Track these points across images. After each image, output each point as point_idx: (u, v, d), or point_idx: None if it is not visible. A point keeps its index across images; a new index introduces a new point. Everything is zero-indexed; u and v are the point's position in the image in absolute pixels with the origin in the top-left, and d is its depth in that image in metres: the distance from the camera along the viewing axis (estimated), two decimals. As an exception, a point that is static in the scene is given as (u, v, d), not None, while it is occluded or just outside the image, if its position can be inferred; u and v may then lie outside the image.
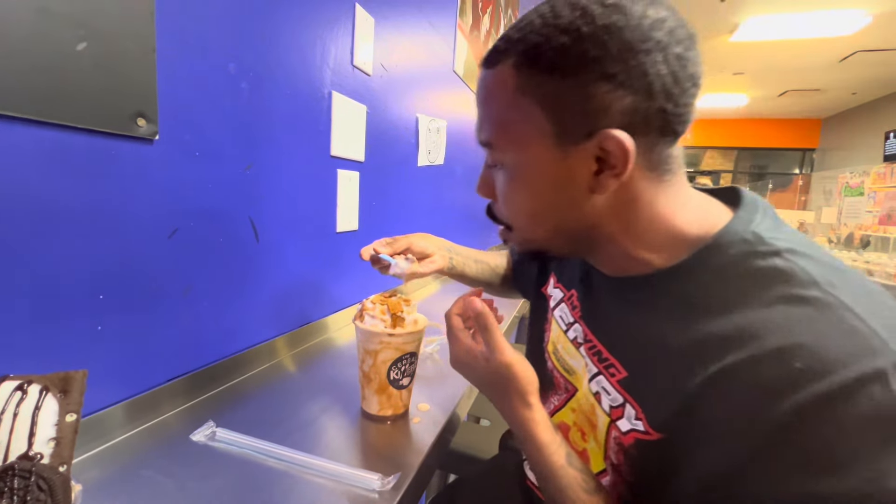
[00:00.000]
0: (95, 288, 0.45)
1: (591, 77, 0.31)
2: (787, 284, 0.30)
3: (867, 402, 0.25)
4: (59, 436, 0.26)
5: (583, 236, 0.38)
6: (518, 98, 0.34)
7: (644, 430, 0.35)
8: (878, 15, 3.93)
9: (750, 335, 0.29)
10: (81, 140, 0.42)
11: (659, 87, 0.31)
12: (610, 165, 0.33)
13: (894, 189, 4.05)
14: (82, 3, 0.40)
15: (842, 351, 0.27)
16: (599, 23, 0.31)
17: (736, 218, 0.35)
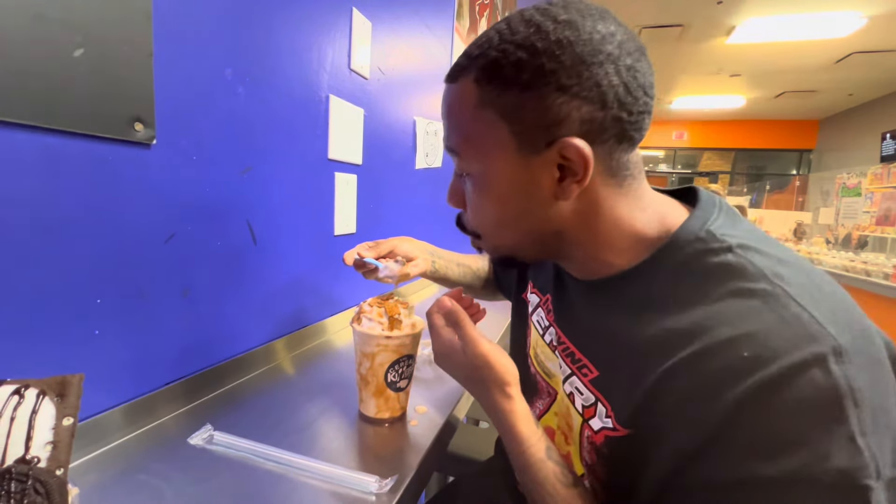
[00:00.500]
0: (93, 292, 0.45)
1: (547, 89, 0.33)
2: (738, 279, 0.32)
3: (808, 386, 0.27)
4: (56, 439, 0.26)
5: (549, 241, 0.40)
6: (480, 111, 0.36)
7: (612, 426, 0.36)
8: (873, 17, 3.96)
9: (702, 329, 0.31)
10: (79, 145, 0.42)
11: (612, 96, 0.33)
12: (572, 172, 0.35)
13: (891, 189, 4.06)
14: (80, 10, 0.40)
15: (784, 338, 0.28)
16: (553, 38, 0.32)
17: (692, 217, 0.37)
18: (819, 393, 0.26)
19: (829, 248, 4.20)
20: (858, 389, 0.26)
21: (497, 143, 0.36)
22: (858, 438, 0.26)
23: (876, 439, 0.26)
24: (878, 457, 0.26)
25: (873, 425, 0.26)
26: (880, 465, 0.26)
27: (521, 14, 0.35)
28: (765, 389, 0.27)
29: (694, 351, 0.30)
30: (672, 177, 8.99)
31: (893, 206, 3.79)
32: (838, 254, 3.56)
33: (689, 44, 4.76)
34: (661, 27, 4.39)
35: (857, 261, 3.17)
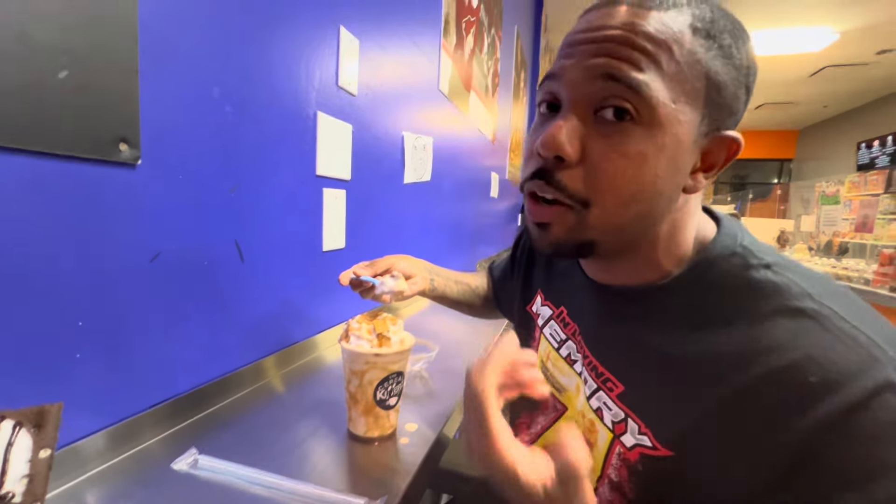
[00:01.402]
0: (74, 314, 0.44)
1: (744, 83, 0.33)
2: (783, 297, 0.31)
3: (883, 411, 0.26)
4: (32, 472, 0.25)
5: (642, 231, 0.36)
6: (693, 63, 0.31)
7: (651, 445, 0.34)
8: (844, 32, 4.12)
9: (758, 351, 0.30)
10: (61, 167, 0.41)
11: (739, 113, 0.35)
12: (710, 166, 0.35)
13: (868, 197, 4.19)
14: (65, 31, 0.40)
15: (850, 362, 0.27)
16: (748, 43, 0.34)
17: (722, 232, 0.37)
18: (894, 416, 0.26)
19: (811, 255, 4.29)
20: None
21: (691, 104, 0.32)
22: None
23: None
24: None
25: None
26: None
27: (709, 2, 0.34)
28: (841, 417, 0.26)
29: (756, 376, 0.29)
30: (658, 186, 9.13)
31: (870, 213, 3.91)
32: (820, 260, 3.64)
33: (670, 58, 4.88)
34: (644, 42, 4.50)
35: (838, 267, 3.25)
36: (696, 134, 0.33)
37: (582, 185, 0.34)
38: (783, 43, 4.35)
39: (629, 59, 0.31)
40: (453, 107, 1.60)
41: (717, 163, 0.34)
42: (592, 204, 0.34)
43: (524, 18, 3.13)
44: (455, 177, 1.68)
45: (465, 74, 1.70)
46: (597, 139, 0.33)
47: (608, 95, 0.32)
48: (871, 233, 3.89)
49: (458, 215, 1.77)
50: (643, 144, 0.32)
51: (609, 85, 0.32)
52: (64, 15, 0.40)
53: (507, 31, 2.48)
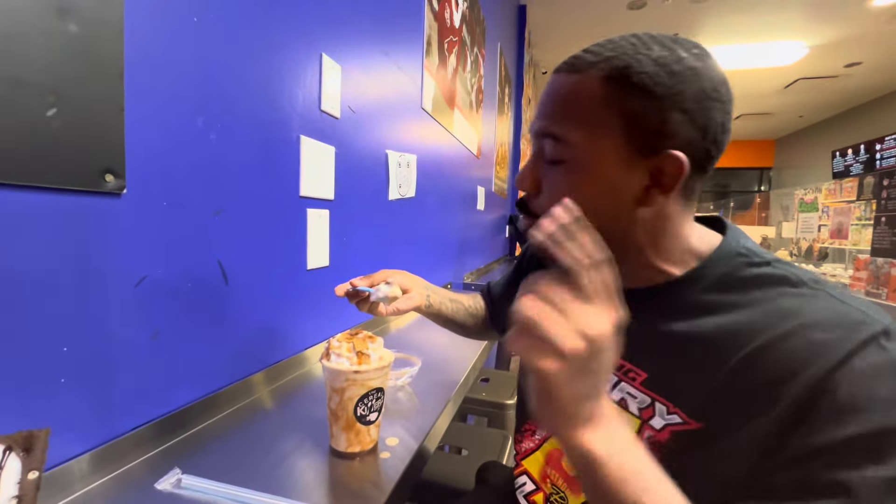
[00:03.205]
0: (59, 340, 0.45)
1: (670, 106, 0.37)
2: (784, 285, 0.37)
3: (875, 357, 0.32)
4: (21, 493, 0.27)
5: (616, 241, 0.40)
6: (601, 106, 0.39)
7: (682, 420, 0.39)
8: (814, 46, 4.30)
9: (768, 323, 0.35)
10: (48, 199, 0.43)
11: (712, 131, 0.38)
12: (660, 183, 0.39)
13: (843, 204, 4.32)
14: (54, 72, 0.43)
15: (845, 323, 0.34)
16: (686, 64, 0.37)
17: (728, 238, 0.43)
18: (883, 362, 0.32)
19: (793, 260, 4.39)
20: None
21: (609, 137, 0.39)
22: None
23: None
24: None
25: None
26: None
27: (653, 36, 0.39)
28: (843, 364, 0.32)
29: (771, 337, 0.35)
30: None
31: (844, 220, 4.03)
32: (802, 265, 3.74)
33: (650, 72, 5.03)
34: (624, 57, 4.64)
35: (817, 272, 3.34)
36: (624, 159, 0.39)
37: (542, 209, 0.42)
38: (757, 57, 4.53)
39: (553, 116, 0.41)
40: (437, 124, 1.64)
41: (668, 180, 0.38)
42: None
43: (507, 35, 3.22)
44: (440, 192, 1.71)
45: (448, 92, 1.75)
46: (546, 176, 0.43)
47: (543, 147, 0.43)
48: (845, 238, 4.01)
49: (445, 229, 1.80)
50: (572, 178, 0.41)
51: (541, 140, 0.43)
52: (52, 56, 0.42)
53: (491, 48, 2.55)
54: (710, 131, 0.38)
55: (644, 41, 0.39)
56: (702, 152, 0.39)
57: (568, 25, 3.99)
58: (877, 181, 2.64)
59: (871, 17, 3.71)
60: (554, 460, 0.51)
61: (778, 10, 3.58)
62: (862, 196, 3.98)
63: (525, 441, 0.56)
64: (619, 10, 3.65)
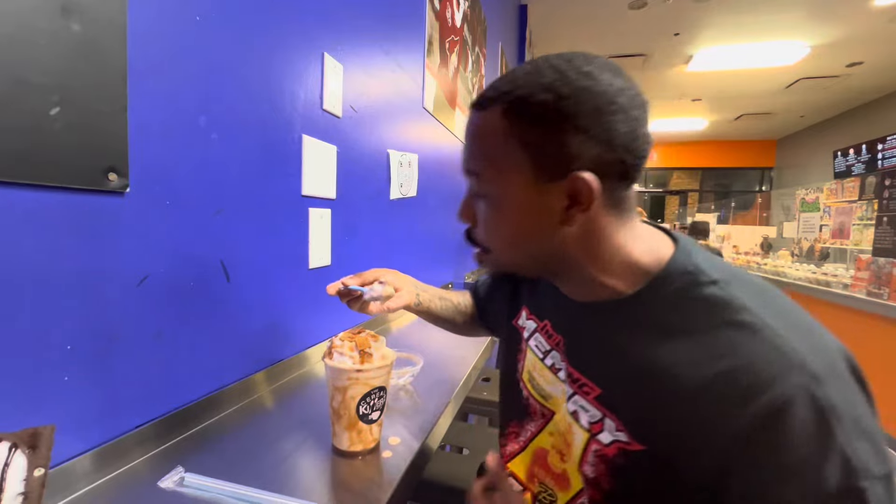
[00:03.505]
0: (63, 339, 0.46)
1: (566, 129, 0.38)
2: (727, 311, 0.37)
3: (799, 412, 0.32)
4: (27, 490, 0.27)
5: (553, 262, 0.43)
6: (505, 140, 0.40)
7: (627, 440, 0.40)
8: (816, 46, 4.29)
9: (709, 357, 0.36)
10: (52, 197, 0.44)
11: (619, 141, 0.38)
12: (578, 202, 0.39)
13: (844, 204, 4.32)
14: (58, 72, 0.43)
15: (774, 368, 0.33)
16: (575, 85, 0.37)
17: (678, 251, 0.42)
18: (808, 417, 0.31)
19: (793, 260, 4.39)
20: (837, 406, 0.32)
21: (517, 169, 0.40)
22: (847, 449, 0.31)
23: (860, 446, 0.31)
24: (865, 459, 0.31)
25: (855, 434, 0.32)
26: (869, 467, 0.31)
27: (547, 60, 0.40)
28: (766, 418, 0.32)
29: (706, 376, 0.35)
30: (644, 196, 9.30)
31: (846, 220, 4.02)
32: (801, 266, 3.73)
33: (651, 71, 5.04)
34: (625, 56, 4.65)
35: (818, 272, 3.33)
36: (535, 186, 0.40)
37: (480, 239, 0.47)
38: (759, 57, 4.52)
39: (469, 154, 0.44)
40: (439, 123, 1.64)
41: (584, 198, 0.39)
42: (491, 250, 0.46)
43: (509, 34, 3.22)
44: (442, 191, 1.71)
45: (449, 92, 1.75)
46: (477, 210, 0.46)
47: (469, 183, 0.45)
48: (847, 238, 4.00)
49: (446, 228, 1.80)
50: (495, 212, 0.43)
51: (466, 177, 0.45)
52: (55, 56, 0.43)
53: (492, 47, 2.55)
54: (617, 143, 0.38)
55: (538, 68, 0.39)
56: (614, 165, 0.39)
57: (569, 25, 3.99)
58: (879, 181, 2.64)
59: (873, 16, 3.70)
60: (540, 459, 0.52)
61: (779, 9, 3.57)
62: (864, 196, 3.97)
63: (510, 444, 0.56)
64: (620, 10, 3.65)
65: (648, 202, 9.30)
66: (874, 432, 0.33)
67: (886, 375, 2.45)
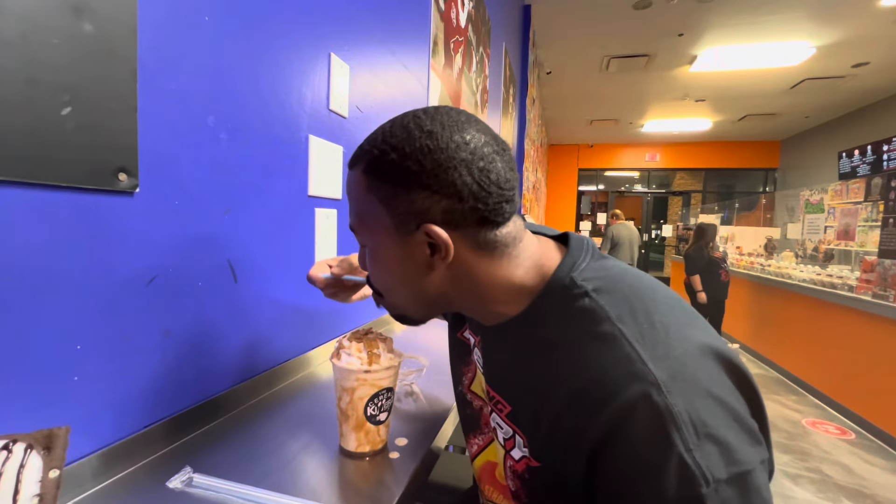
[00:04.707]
0: (72, 339, 0.46)
1: (412, 186, 0.39)
2: (589, 321, 0.38)
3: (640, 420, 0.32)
4: (42, 492, 0.27)
5: (435, 301, 0.46)
6: (367, 196, 0.42)
7: (529, 455, 0.42)
8: (821, 47, 4.27)
9: (568, 373, 0.37)
10: (62, 197, 0.44)
11: (467, 192, 0.39)
12: (438, 250, 0.41)
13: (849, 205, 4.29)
14: (69, 72, 0.43)
15: (617, 379, 0.34)
16: (417, 145, 0.39)
17: (562, 263, 0.43)
18: (648, 424, 0.32)
19: (798, 261, 4.37)
20: (678, 413, 0.32)
21: (380, 223, 0.42)
22: (685, 455, 0.31)
23: (702, 451, 0.31)
24: (706, 466, 0.31)
25: (696, 439, 0.31)
26: (709, 473, 0.31)
27: (403, 118, 0.42)
28: (611, 429, 0.33)
29: (567, 393, 0.37)
30: (647, 196, 9.29)
31: (851, 221, 4.00)
32: (806, 268, 3.72)
33: (655, 71, 5.03)
34: (630, 57, 4.64)
35: (822, 274, 3.31)
36: (396, 238, 0.42)
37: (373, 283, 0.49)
38: (763, 57, 4.50)
39: (350, 209, 0.46)
40: (443, 124, 1.63)
41: (441, 248, 0.40)
42: (381, 294, 0.48)
43: (512, 35, 3.22)
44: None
45: (454, 92, 1.75)
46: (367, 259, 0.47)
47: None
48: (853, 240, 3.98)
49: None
50: (373, 262, 0.46)
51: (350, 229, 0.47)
52: (66, 55, 0.43)
53: (496, 48, 2.54)
54: (465, 193, 0.39)
55: (392, 127, 0.41)
56: (467, 213, 0.39)
57: (572, 25, 3.98)
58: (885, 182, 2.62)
59: (879, 16, 3.68)
60: (487, 473, 0.53)
61: (784, 9, 3.56)
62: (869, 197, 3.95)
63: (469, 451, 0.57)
64: (624, 10, 3.64)
65: (651, 203, 9.28)
66: (724, 435, 0.32)
67: (891, 377, 2.43)
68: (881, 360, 2.51)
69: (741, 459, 0.32)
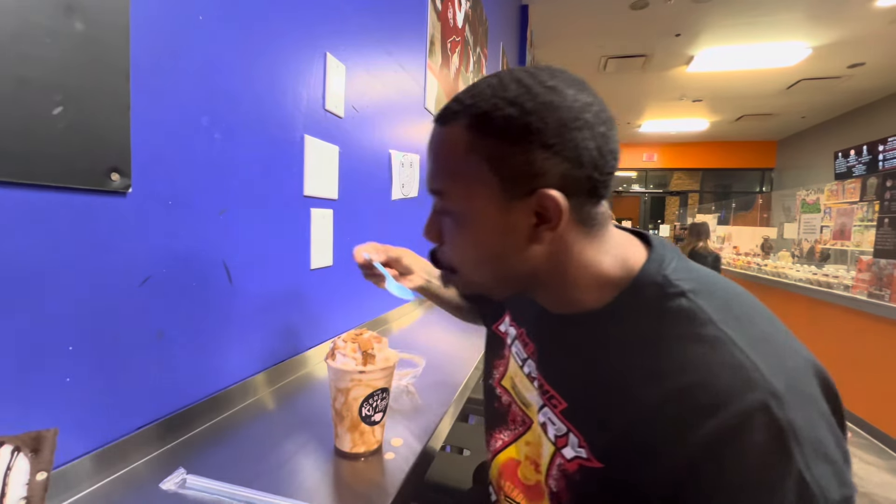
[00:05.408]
0: (64, 339, 0.45)
1: (532, 145, 0.36)
2: (690, 324, 0.36)
3: (757, 432, 0.30)
4: (29, 494, 0.27)
5: (521, 280, 0.42)
6: (468, 155, 0.38)
7: (587, 457, 0.39)
8: (817, 47, 4.29)
9: (666, 373, 0.34)
10: (54, 197, 0.43)
11: (587, 158, 0.36)
12: (546, 219, 0.37)
13: (845, 205, 4.31)
14: (61, 71, 0.42)
15: (730, 386, 0.32)
16: (540, 100, 0.36)
17: (650, 261, 0.40)
18: (765, 437, 0.30)
19: (794, 261, 4.38)
20: (798, 428, 0.30)
21: (481, 186, 0.38)
22: (805, 473, 0.29)
23: (819, 470, 0.30)
24: (823, 485, 0.30)
25: (814, 457, 0.30)
26: (826, 492, 0.29)
27: (511, 73, 0.38)
28: (723, 436, 0.31)
29: (662, 394, 0.34)
30: (645, 196, 9.31)
31: (847, 221, 4.02)
32: (802, 267, 3.73)
33: (653, 72, 5.04)
34: (627, 57, 4.64)
35: (819, 274, 3.33)
36: (502, 203, 0.38)
37: (447, 259, 0.44)
38: (760, 57, 4.51)
39: (434, 172, 0.42)
40: (440, 124, 1.63)
41: (552, 216, 0.37)
42: (456, 270, 0.44)
43: (510, 35, 3.22)
44: (442, 192, 1.71)
45: (451, 92, 1.75)
46: (443, 229, 0.44)
47: (434, 201, 0.44)
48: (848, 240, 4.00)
49: (447, 229, 1.79)
50: (462, 230, 0.41)
51: (432, 195, 0.43)
52: (58, 55, 0.42)
53: (493, 48, 2.54)
54: (584, 160, 0.36)
55: (502, 81, 0.38)
56: (582, 182, 0.37)
57: (570, 26, 3.98)
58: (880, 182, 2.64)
59: (875, 17, 3.70)
60: (509, 470, 0.51)
61: (781, 10, 3.57)
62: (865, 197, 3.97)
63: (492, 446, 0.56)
64: (621, 10, 3.64)
65: (649, 203, 9.30)
66: (835, 455, 0.31)
67: (887, 377, 2.44)
68: (877, 359, 2.52)
69: (848, 482, 0.31)
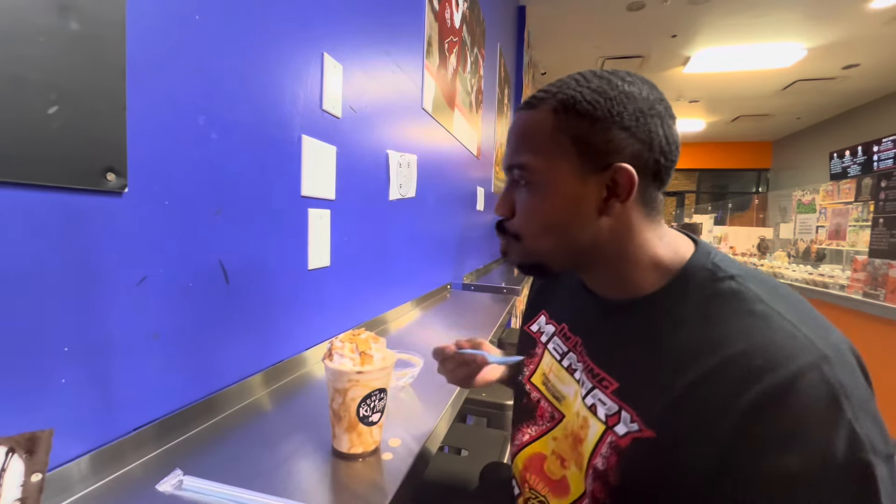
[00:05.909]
0: (60, 340, 0.45)
1: (613, 126, 0.42)
2: (741, 302, 0.40)
3: (810, 387, 0.33)
4: (24, 496, 0.27)
5: (583, 253, 0.47)
6: (555, 134, 0.44)
7: (639, 428, 0.42)
8: (812, 48, 4.31)
9: (719, 343, 0.38)
10: (49, 197, 0.43)
11: (657, 143, 0.43)
12: (616, 193, 0.43)
13: (841, 205, 4.34)
14: (56, 70, 0.42)
15: (784, 350, 0.35)
16: (621, 89, 0.43)
17: (698, 252, 0.46)
18: (818, 392, 0.33)
19: (790, 261, 4.41)
20: (846, 386, 0.33)
21: (563, 160, 0.44)
22: (854, 424, 0.32)
23: (867, 424, 0.33)
24: (872, 437, 0.33)
25: (863, 413, 0.33)
26: (875, 444, 0.33)
27: (593, 71, 0.45)
28: (777, 391, 0.34)
29: (715, 362, 0.37)
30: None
31: (842, 221, 4.04)
32: (798, 267, 3.75)
33: (649, 73, 5.05)
34: (623, 58, 4.66)
35: (814, 273, 3.34)
36: (580, 175, 0.44)
37: (514, 227, 0.49)
38: (755, 58, 4.54)
39: (518, 149, 0.47)
40: (437, 123, 1.64)
41: (623, 190, 0.43)
42: (521, 238, 0.49)
43: (507, 36, 3.22)
44: (440, 192, 1.71)
45: (448, 92, 1.75)
46: (518, 200, 0.49)
47: (513, 176, 0.49)
48: (844, 240, 4.02)
49: (444, 229, 1.80)
50: (539, 198, 0.46)
51: (511, 171, 0.49)
52: (54, 54, 0.42)
53: (490, 48, 2.55)
54: (655, 144, 0.43)
55: (585, 77, 0.45)
56: (651, 163, 0.43)
57: (567, 26, 3.99)
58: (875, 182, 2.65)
59: (870, 18, 3.73)
60: (535, 464, 0.53)
61: (776, 11, 3.59)
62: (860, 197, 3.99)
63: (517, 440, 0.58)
64: (618, 12, 3.66)
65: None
66: (878, 416, 0.34)
67: (883, 376, 2.46)
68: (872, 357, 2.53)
69: (891, 442, 0.33)
